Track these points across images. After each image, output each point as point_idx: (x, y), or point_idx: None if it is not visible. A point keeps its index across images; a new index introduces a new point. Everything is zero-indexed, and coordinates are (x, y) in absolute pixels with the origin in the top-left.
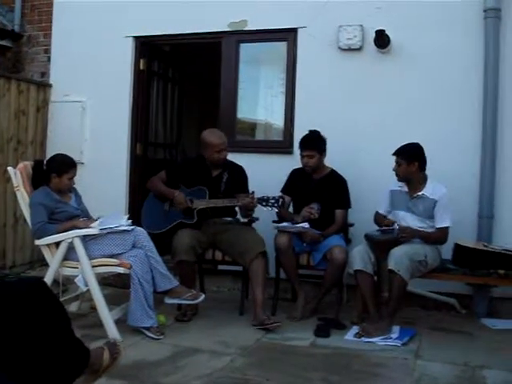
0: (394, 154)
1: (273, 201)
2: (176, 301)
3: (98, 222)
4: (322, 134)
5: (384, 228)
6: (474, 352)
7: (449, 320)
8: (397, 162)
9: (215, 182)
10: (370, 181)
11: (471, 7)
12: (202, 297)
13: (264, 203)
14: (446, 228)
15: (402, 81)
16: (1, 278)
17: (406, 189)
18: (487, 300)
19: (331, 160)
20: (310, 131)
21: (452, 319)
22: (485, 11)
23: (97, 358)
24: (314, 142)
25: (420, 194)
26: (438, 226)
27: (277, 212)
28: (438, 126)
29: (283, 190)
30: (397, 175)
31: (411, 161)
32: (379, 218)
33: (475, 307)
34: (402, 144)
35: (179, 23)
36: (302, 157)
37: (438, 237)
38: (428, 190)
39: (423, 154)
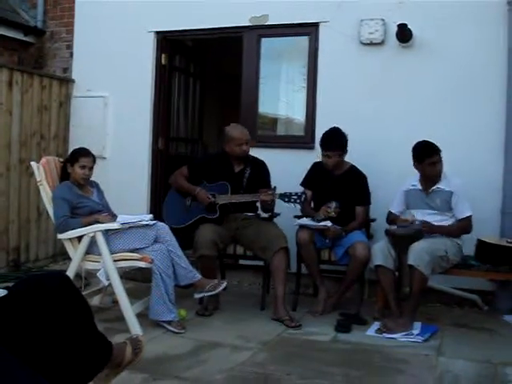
0: (429, 156)
1: (295, 197)
2: (203, 294)
3: (119, 216)
4: (343, 130)
5: (403, 224)
6: (496, 349)
7: (471, 317)
8: (433, 162)
9: (237, 178)
10: (393, 175)
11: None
12: (224, 284)
13: (286, 199)
14: (469, 217)
15: (424, 75)
16: (24, 272)
17: (419, 186)
18: (510, 297)
19: (353, 154)
20: (331, 129)
21: (474, 316)
22: (509, 3)
23: (119, 352)
24: (336, 143)
25: (435, 187)
26: (460, 217)
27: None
28: (460, 120)
29: (303, 183)
30: (433, 176)
31: (440, 153)
32: (393, 218)
33: (498, 304)
34: (416, 144)
35: (201, 18)
36: (324, 156)
37: (463, 227)
38: (443, 183)
39: None
